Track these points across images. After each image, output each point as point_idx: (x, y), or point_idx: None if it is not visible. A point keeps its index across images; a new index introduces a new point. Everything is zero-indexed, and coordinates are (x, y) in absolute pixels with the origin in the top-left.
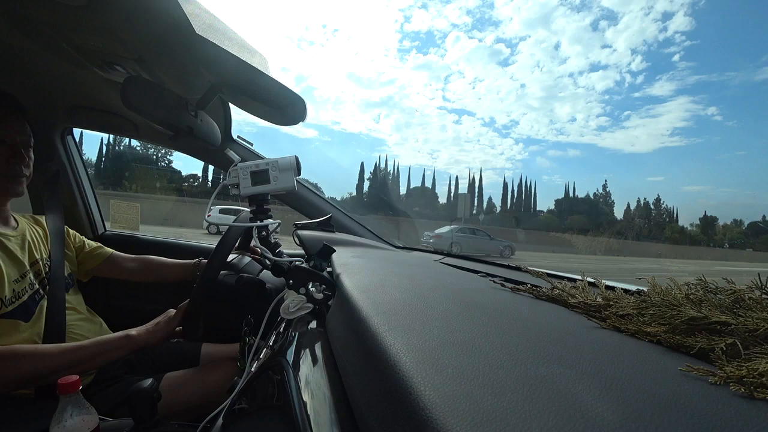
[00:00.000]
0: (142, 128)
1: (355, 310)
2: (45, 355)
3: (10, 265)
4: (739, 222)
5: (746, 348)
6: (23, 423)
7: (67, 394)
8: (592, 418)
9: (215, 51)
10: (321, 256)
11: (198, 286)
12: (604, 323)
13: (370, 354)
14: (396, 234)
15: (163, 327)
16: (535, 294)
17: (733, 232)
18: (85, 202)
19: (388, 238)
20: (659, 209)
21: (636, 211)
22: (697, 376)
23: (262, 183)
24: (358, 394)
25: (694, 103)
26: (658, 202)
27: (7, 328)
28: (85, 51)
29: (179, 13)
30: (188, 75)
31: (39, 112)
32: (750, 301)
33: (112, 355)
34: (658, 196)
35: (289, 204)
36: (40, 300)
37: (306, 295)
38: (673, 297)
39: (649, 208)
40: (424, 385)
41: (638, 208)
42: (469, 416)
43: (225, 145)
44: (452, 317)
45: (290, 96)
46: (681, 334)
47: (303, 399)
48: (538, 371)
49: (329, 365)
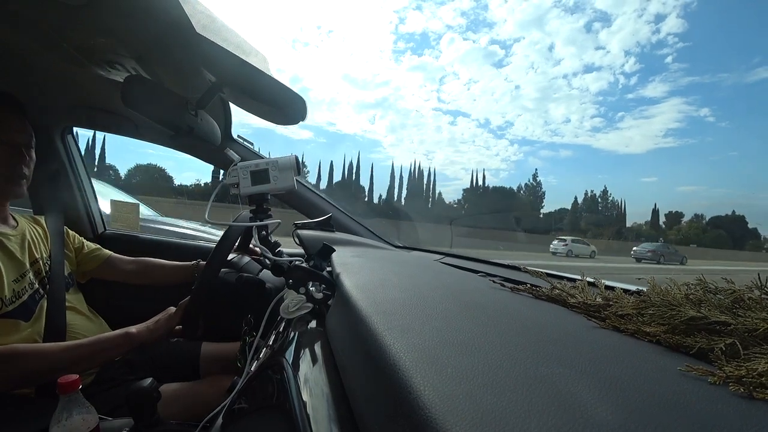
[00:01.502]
0: (142, 127)
1: (354, 310)
2: (45, 354)
3: (10, 265)
4: (701, 216)
5: (745, 348)
6: (23, 422)
7: (67, 393)
8: (591, 418)
9: (215, 50)
10: (321, 255)
11: (198, 286)
12: (603, 323)
13: (369, 353)
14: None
15: (164, 324)
16: (535, 294)
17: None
18: (85, 202)
19: (388, 237)
20: (606, 202)
21: (584, 204)
22: (696, 376)
23: (262, 182)
24: (358, 394)
25: (687, 104)
26: (605, 195)
27: (8, 328)
28: (86, 50)
29: (179, 12)
30: (188, 74)
31: (39, 111)
32: (749, 301)
33: (113, 353)
34: (604, 187)
35: (288, 203)
36: (40, 299)
37: (306, 295)
38: (673, 297)
39: (596, 201)
40: (424, 384)
41: (585, 201)
42: (468, 416)
43: (225, 144)
44: (452, 317)
45: (290, 95)
46: (680, 334)
47: (303, 398)
48: (537, 371)
49: (329, 365)
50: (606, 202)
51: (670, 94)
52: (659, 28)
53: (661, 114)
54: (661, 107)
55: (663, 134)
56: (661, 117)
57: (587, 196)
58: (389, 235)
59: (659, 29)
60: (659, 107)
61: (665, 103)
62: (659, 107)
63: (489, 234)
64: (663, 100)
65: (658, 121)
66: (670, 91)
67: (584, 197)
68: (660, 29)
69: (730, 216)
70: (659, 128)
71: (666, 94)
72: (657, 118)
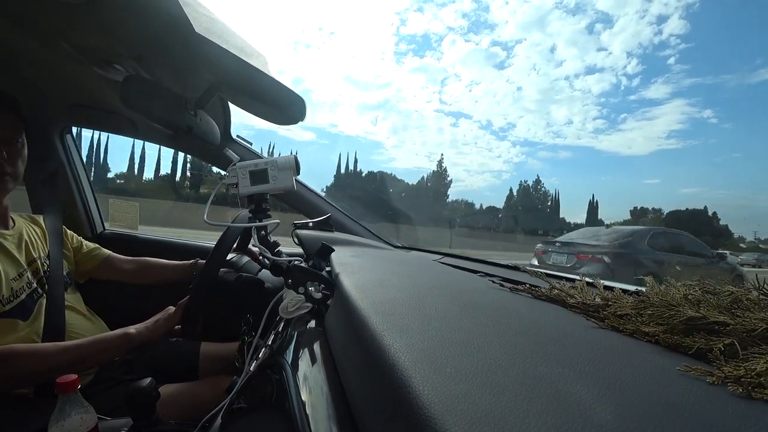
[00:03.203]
0: (141, 127)
1: (353, 310)
2: (44, 354)
3: (7, 264)
4: (658, 210)
5: (744, 348)
6: (22, 422)
7: (65, 393)
8: (590, 418)
9: (215, 50)
10: (320, 255)
11: (197, 285)
12: (602, 323)
13: (368, 353)
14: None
15: (163, 324)
16: (534, 294)
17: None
18: (84, 201)
19: (387, 237)
20: (538, 193)
21: (518, 195)
22: (695, 376)
23: (261, 182)
24: (357, 394)
25: (689, 105)
26: (537, 185)
27: (6, 328)
28: (85, 50)
29: (179, 11)
30: (188, 74)
31: (38, 110)
32: (748, 301)
33: (112, 353)
34: (537, 177)
35: (288, 203)
36: (39, 299)
37: (305, 295)
38: (672, 297)
39: (529, 192)
40: (423, 384)
41: (519, 192)
42: (467, 416)
43: (224, 144)
44: (451, 317)
45: (290, 95)
46: (679, 334)
47: (302, 398)
48: (536, 371)
49: (328, 364)
50: (537, 193)
51: (673, 95)
52: (661, 29)
53: (664, 115)
54: (663, 109)
55: (666, 136)
56: (663, 118)
57: (521, 187)
58: (388, 235)
59: (661, 30)
60: (662, 108)
61: (668, 105)
62: (662, 108)
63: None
64: (665, 102)
65: (661, 122)
66: (673, 92)
67: (519, 188)
68: (662, 30)
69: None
70: (662, 129)
71: (668, 96)
72: (659, 120)
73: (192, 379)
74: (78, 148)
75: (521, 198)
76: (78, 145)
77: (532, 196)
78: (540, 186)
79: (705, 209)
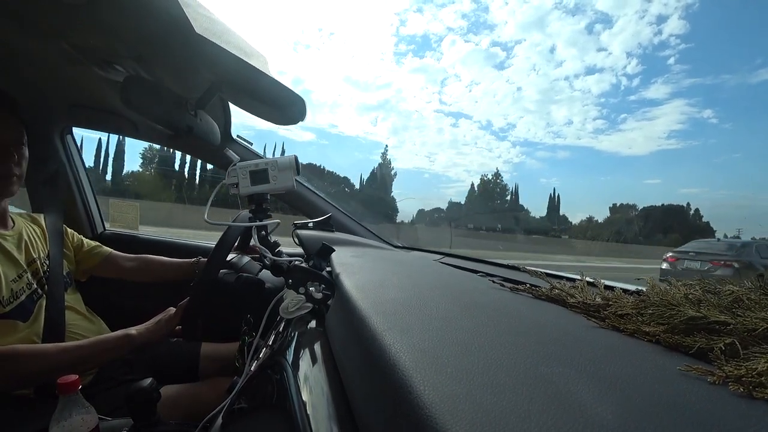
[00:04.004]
0: (141, 127)
1: (354, 310)
2: (45, 355)
3: (7, 265)
4: (632, 206)
5: (745, 348)
6: (22, 423)
7: (66, 393)
8: (591, 418)
9: (215, 50)
10: (320, 255)
11: (197, 286)
12: (603, 323)
13: (369, 353)
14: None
15: (164, 325)
16: (535, 294)
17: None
18: (85, 202)
19: (388, 237)
20: (497, 186)
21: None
22: (695, 376)
23: (262, 182)
24: (358, 394)
25: (689, 105)
26: (497, 178)
27: (6, 329)
28: (85, 50)
29: (179, 11)
30: (188, 74)
31: (38, 110)
32: (749, 301)
33: (112, 354)
34: (496, 170)
35: (288, 203)
36: (38, 299)
37: (305, 295)
38: (672, 297)
39: (488, 185)
40: (424, 384)
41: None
42: (468, 415)
43: (224, 144)
44: (451, 317)
45: (290, 95)
46: (680, 334)
47: (302, 398)
48: (537, 371)
49: (328, 365)
50: (497, 186)
51: (673, 95)
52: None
53: (664, 115)
54: (663, 109)
55: (666, 136)
56: (663, 119)
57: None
58: (389, 235)
59: (661, 30)
60: (662, 109)
61: (668, 105)
62: (662, 109)
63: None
64: (665, 102)
65: (661, 122)
66: (673, 92)
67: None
68: (662, 30)
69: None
70: (662, 130)
71: (668, 96)
72: (659, 120)
73: (192, 380)
74: (78, 149)
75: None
76: (79, 146)
77: (491, 191)
78: (499, 180)
79: (687, 206)
